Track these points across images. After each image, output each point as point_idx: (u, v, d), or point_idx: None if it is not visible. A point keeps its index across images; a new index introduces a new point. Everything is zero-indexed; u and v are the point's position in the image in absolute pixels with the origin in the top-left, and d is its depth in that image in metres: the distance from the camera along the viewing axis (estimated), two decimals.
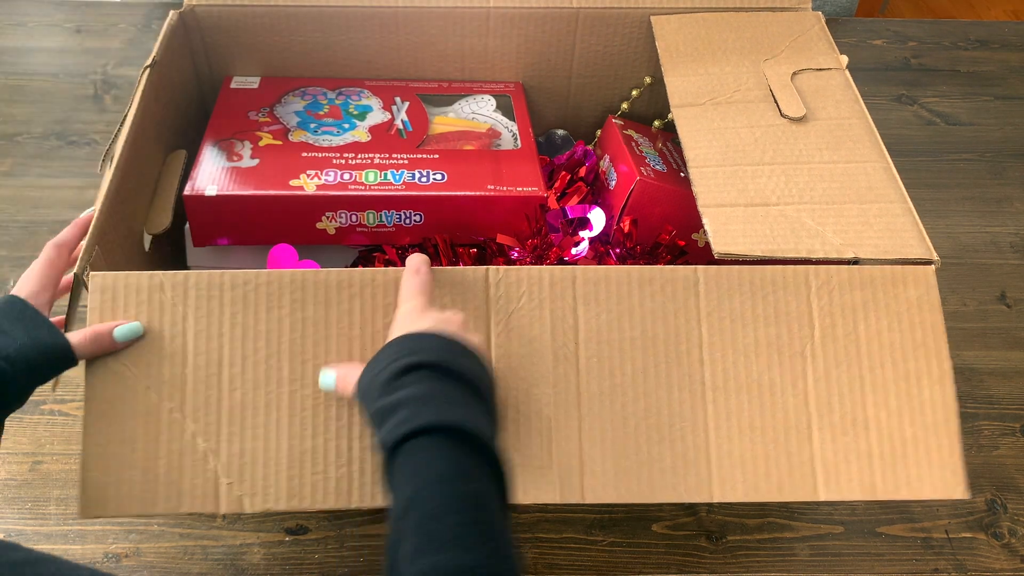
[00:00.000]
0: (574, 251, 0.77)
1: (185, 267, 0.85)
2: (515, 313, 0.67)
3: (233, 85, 0.93)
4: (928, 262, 0.69)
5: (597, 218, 0.79)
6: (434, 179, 0.81)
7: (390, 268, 0.65)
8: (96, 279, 0.64)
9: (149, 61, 0.80)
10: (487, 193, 0.80)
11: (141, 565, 0.81)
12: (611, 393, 0.67)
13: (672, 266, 0.67)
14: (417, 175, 0.81)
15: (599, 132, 0.98)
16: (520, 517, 0.86)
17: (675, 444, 0.66)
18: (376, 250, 0.83)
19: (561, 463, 0.66)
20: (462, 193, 0.79)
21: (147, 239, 0.78)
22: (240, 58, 0.94)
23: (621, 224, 0.80)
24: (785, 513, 0.88)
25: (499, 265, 0.78)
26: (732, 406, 0.67)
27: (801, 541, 0.86)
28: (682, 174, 0.84)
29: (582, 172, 0.90)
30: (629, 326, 0.67)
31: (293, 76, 0.95)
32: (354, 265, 0.84)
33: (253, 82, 0.93)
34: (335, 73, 0.96)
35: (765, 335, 0.68)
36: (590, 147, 0.98)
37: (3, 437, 0.89)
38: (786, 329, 0.68)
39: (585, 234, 0.79)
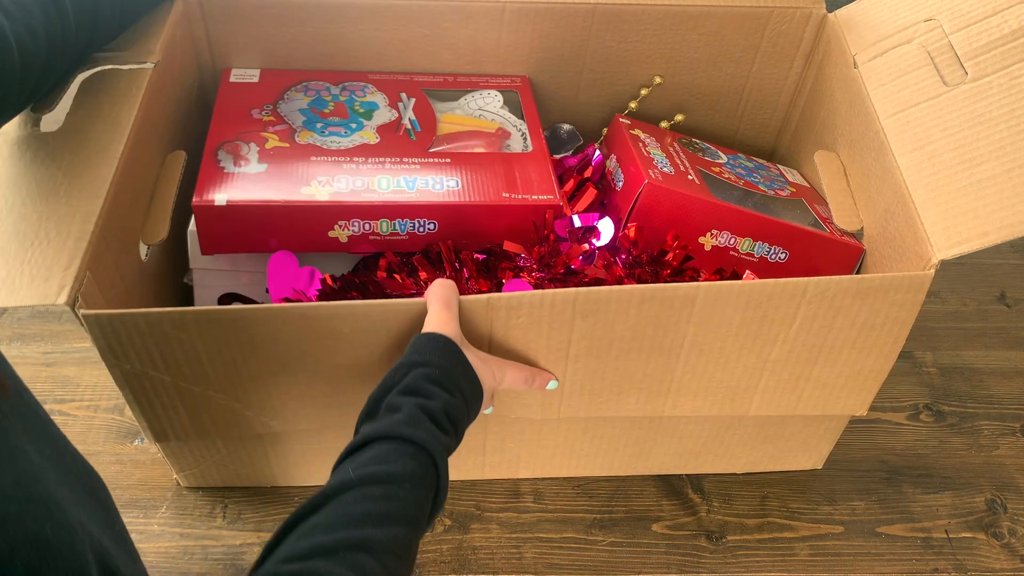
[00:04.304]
0: (582, 258, 0.77)
1: (187, 269, 0.84)
2: (514, 326, 0.69)
3: (232, 79, 0.90)
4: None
5: (606, 227, 0.78)
6: (448, 186, 0.79)
7: (379, 301, 0.66)
8: (91, 320, 0.63)
9: (153, 61, 0.79)
10: (502, 202, 0.79)
11: None
12: (598, 356, 0.72)
13: (674, 284, 0.67)
14: (431, 181, 0.79)
15: (605, 130, 0.97)
16: (520, 517, 0.87)
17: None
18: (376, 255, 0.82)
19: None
20: (478, 202, 0.79)
21: (144, 247, 0.76)
22: (244, 48, 0.92)
23: (627, 231, 0.79)
24: (785, 513, 0.89)
25: (505, 272, 0.78)
26: (700, 367, 0.75)
27: (801, 541, 0.87)
28: (689, 176, 0.84)
29: (588, 172, 0.89)
30: (622, 328, 0.70)
31: (298, 68, 0.94)
32: (356, 269, 0.83)
33: (253, 75, 0.91)
34: (341, 65, 0.94)
35: (747, 330, 0.71)
36: (596, 144, 0.97)
37: None
38: (768, 325, 0.71)
39: (594, 242, 0.78)
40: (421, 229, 0.79)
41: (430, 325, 0.63)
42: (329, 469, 0.84)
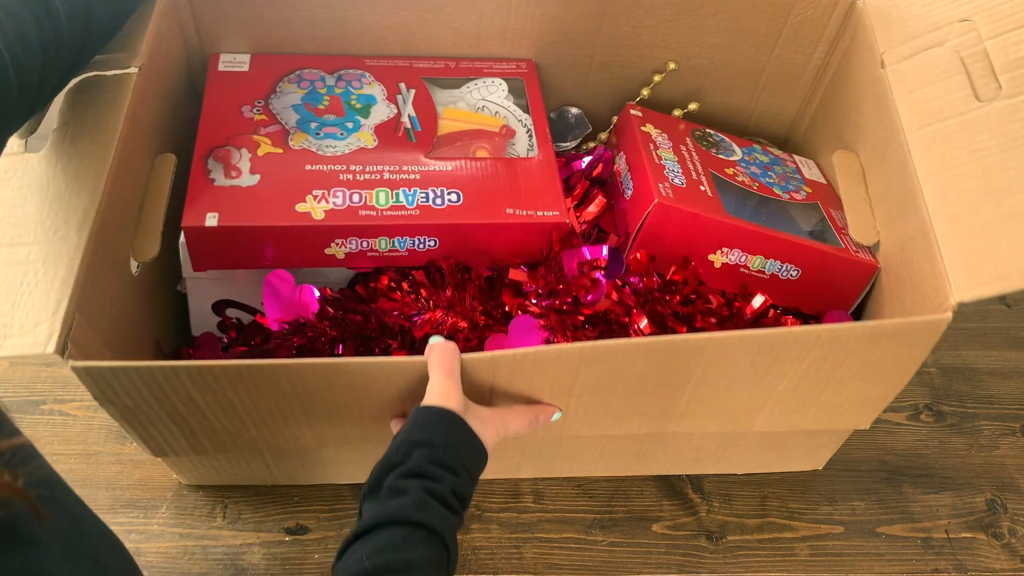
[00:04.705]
0: (590, 298, 0.74)
1: (179, 278, 0.82)
2: (518, 376, 0.67)
3: (221, 67, 0.85)
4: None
5: (616, 265, 0.75)
6: (449, 200, 0.76)
7: (379, 360, 0.64)
8: (81, 372, 0.62)
9: (137, 64, 0.74)
10: (506, 220, 0.76)
11: (141, 565, 0.78)
12: (603, 393, 0.70)
13: (683, 336, 0.65)
14: (431, 195, 0.76)
15: (615, 119, 0.93)
16: (520, 517, 0.87)
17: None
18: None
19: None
20: (481, 221, 0.75)
21: (134, 263, 0.74)
22: (234, 32, 0.87)
23: (640, 256, 0.76)
24: (785, 513, 0.89)
25: (509, 292, 0.75)
26: (706, 397, 0.73)
27: (801, 541, 0.87)
28: (701, 187, 0.80)
29: (597, 171, 0.86)
30: (627, 373, 0.68)
31: (290, 52, 0.88)
32: (353, 283, 0.81)
33: (243, 62, 0.86)
34: (338, 50, 0.89)
35: (756, 370, 0.69)
36: (605, 135, 0.93)
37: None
38: (777, 366, 0.69)
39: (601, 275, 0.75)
40: (421, 246, 0.76)
41: (432, 396, 0.61)
42: (327, 473, 0.85)
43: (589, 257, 0.74)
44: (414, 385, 0.66)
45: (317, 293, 0.76)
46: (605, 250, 0.74)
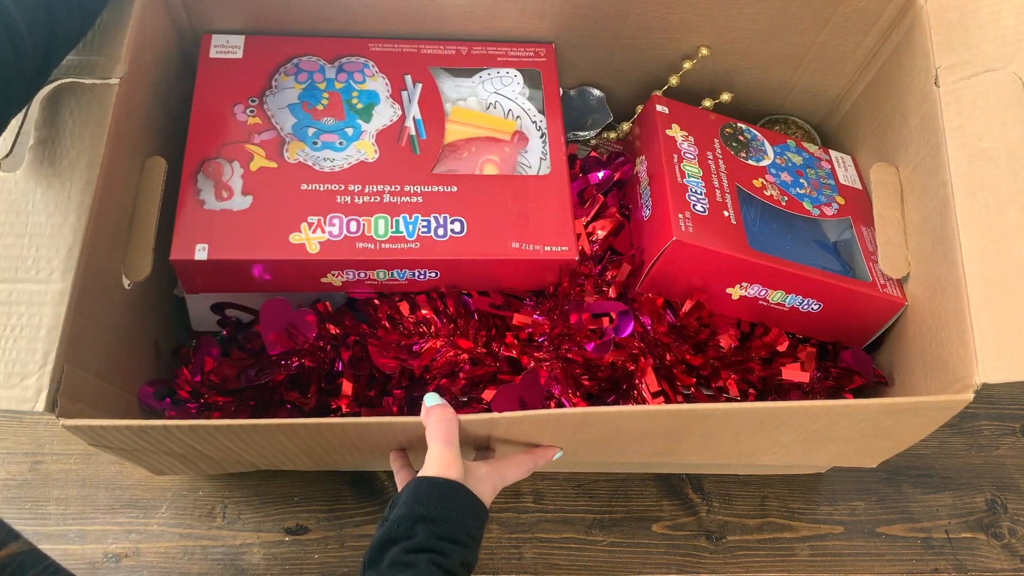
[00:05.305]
0: (594, 347, 0.70)
1: (175, 280, 0.78)
2: (516, 431, 0.65)
3: (213, 52, 0.78)
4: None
5: (624, 324, 0.71)
6: (451, 230, 0.71)
7: (375, 420, 0.62)
8: (73, 429, 0.60)
9: (120, 63, 0.68)
10: (511, 255, 0.71)
11: (141, 565, 0.83)
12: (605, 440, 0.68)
13: (690, 405, 0.63)
14: (432, 224, 0.71)
15: (639, 108, 0.86)
16: (520, 517, 0.88)
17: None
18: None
19: None
20: (484, 257, 0.71)
21: (127, 280, 0.71)
22: (226, 12, 0.79)
23: (651, 296, 0.72)
24: (785, 513, 0.89)
25: (512, 341, 0.72)
26: (710, 445, 0.71)
27: (801, 541, 0.88)
28: (725, 212, 0.75)
29: (617, 175, 0.80)
30: (629, 430, 0.67)
31: (287, 31, 0.80)
32: (351, 302, 0.77)
33: (236, 46, 0.78)
34: (338, 29, 0.81)
35: (763, 429, 0.67)
36: (627, 125, 0.87)
37: (3, 438, 0.87)
38: (785, 425, 0.67)
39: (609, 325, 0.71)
40: (422, 277, 0.72)
41: (431, 467, 0.60)
42: (328, 465, 0.85)
43: (595, 312, 0.70)
44: (412, 439, 0.65)
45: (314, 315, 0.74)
46: (613, 315, 0.70)
